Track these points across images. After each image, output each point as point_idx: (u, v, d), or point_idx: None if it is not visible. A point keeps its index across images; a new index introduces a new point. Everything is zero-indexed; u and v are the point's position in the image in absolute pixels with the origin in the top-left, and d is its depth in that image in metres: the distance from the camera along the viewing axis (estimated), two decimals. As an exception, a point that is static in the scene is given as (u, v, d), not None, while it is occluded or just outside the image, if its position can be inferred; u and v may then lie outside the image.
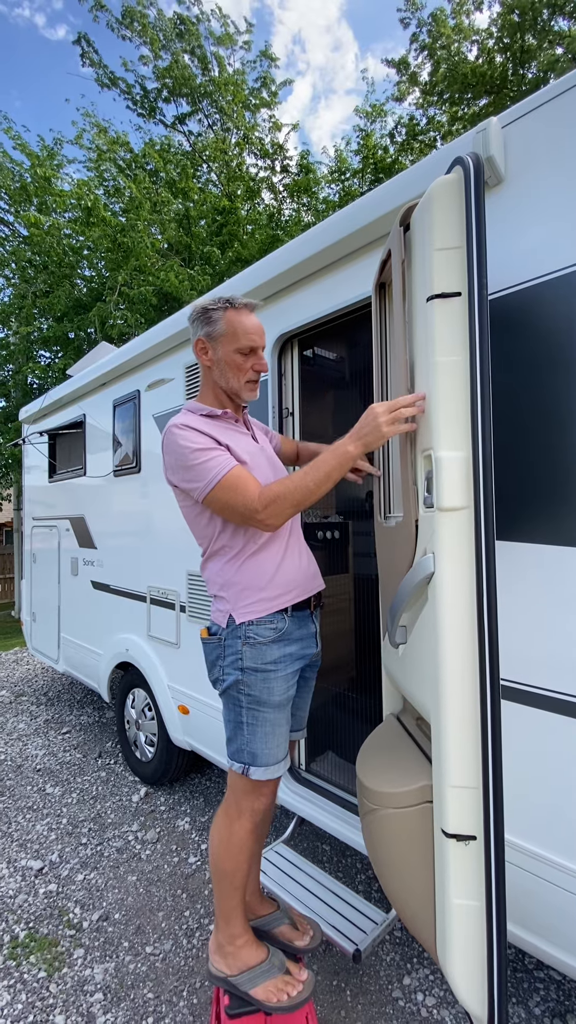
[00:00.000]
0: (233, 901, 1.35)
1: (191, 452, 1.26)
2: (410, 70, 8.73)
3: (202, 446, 1.27)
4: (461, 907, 1.03)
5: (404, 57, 8.78)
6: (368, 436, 1.18)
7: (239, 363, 1.37)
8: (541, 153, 1.25)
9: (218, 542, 1.36)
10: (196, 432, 1.29)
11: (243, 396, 1.42)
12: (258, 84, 10.21)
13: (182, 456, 1.28)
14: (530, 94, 1.34)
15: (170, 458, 1.32)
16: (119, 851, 2.45)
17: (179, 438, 1.29)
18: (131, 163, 9.13)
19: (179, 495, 1.39)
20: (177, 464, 1.30)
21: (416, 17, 8.27)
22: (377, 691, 2.32)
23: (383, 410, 1.16)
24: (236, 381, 1.39)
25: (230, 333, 1.36)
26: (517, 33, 7.46)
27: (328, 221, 1.82)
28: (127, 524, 3.19)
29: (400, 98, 9.20)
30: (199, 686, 2.48)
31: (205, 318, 1.38)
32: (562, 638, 1.19)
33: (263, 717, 1.32)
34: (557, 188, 1.22)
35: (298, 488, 1.22)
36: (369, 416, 1.19)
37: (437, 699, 1.05)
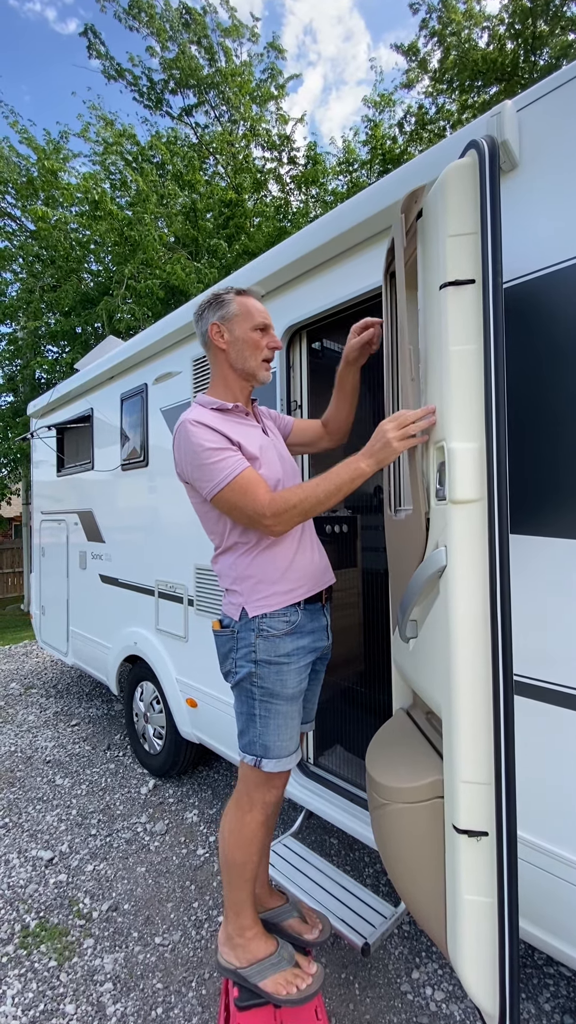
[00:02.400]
0: (243, 893, 1.35)
1: (203, 451, 1.26)
2: (420, 56, 8.59)
3: (214, 445, 1.26)
4: (472, 903, 1.02)
5: (414, 43, 8.64)
6: (380, 453, 1.18)
7: (256, 340, 1.39)
8: (557, 137, 1.22)
9: (230, 538, 1.36)
10: (209, 429, 1.29)
11: (259, 376, 1.42)
12: (265, 76, 10.11)
13: (194, 454, 1.27)
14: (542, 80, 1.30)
15: (181, 455, 1.32)
16: (128, 842, 2.47)
17: (191, 435, 1.28)
18: (137, 156, 9.08)
19: (190, 490, 1.39)
20: (188, 462, 1.30)
21: (426, 2, 8.13)
22: (386, 685, 2.31)
23: (392, 427, 1.16)
24: (254, 360, 1.40)
25: (243, 312, 1.40)
26: (528, 19, 7.32)
27: (337, 210, 1.79)
28: (135, 518, 3.19)
29: (409, 85, 9.06)
30: (207, 679, 2.48)
31: (217, 303, 1.41)
32: (573, 632, 1.17)
33: (276, 709, 1.32)
34: (574, 173, 1.19)
35: (308, 498, 1.22)
36: (379, 434, 1.19)
37: (449, 694, 1.03)
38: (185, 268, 7.46)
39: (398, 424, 1.16)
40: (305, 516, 1.24)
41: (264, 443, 1.38)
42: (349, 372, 1.50)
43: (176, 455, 1.35)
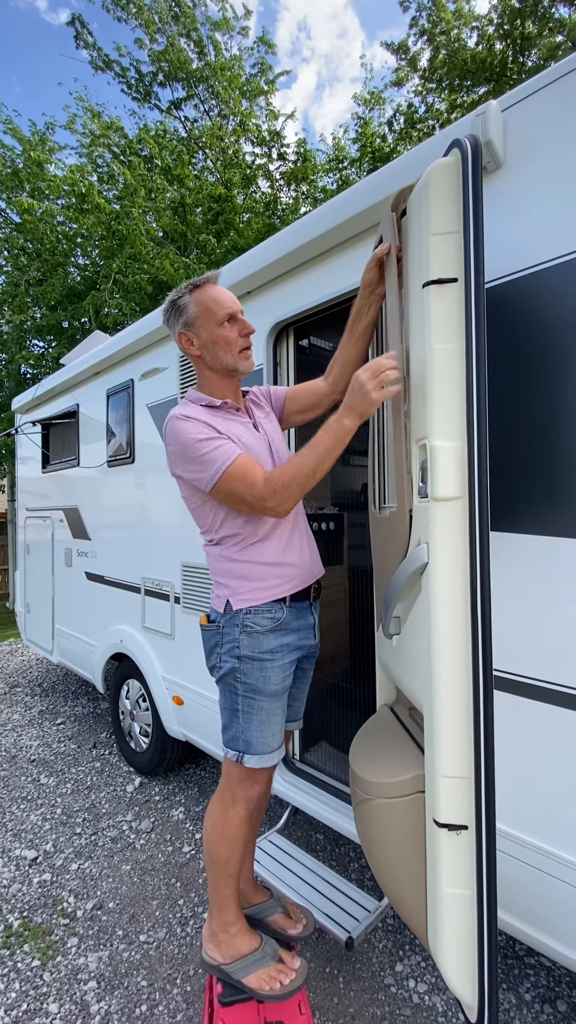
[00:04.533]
0: (227, 889, 1.35)
1: (195, 443, 1.24)
2: (410, 54, 8.60)
3: (205, 435, 1.25)
4: (452, 896, 1.03)
5: (404, 42, 8.64)
6: (359, 406, 1.15)
7: (225, 336, 1.34)
8: (541, 138, 1.23)
9: (220, 531, 1.35)
10: (197, 422, 1.27)
11: (241, 368, 1.38)
12: (255, 71, 10.05)
13: (186, 447, 1.26)
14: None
15: (173, 448, 1.30)
16: (113, 840, 2.46)
17: (181, 428, 1.27)
18: (125, 149, 8.98)
19: (182, 485, 1.37)
20: (181, 455, 1.28)
21: (416, 1, 8.13)
22: (371, 682, 2.32)
23: (368, 376, 1.13)
24: (230, 356, 1.36)
25: (204, 311, 1.34)
26: (517, 19, 7.36)
27: (324, 207, 1.79)
28: (121, 515, 3.17)
29: (399, 83, 9.06)
30: (194, 677, 2.48)
31: (176, 310, 1.37)
32: (551, 628, 1.19)
33: (258, 706, 1.32)
34: (558, 174, 1.20)
35: (300, 470, 1.20)
36: (355, 385, 1.15)
37: (430, 689, 1.04)
38: (174, 263, 7.41)
39: (373, 372, 1.13)
40: (304, 488, 1.22)
41: (254, 441, 1.37)
42: (367, 304, 1.38)
43: (168, 450, 1.33)
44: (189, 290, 1.36)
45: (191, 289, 1.36)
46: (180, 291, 1.37)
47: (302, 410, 1.57)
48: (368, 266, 1.32)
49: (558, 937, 1.22)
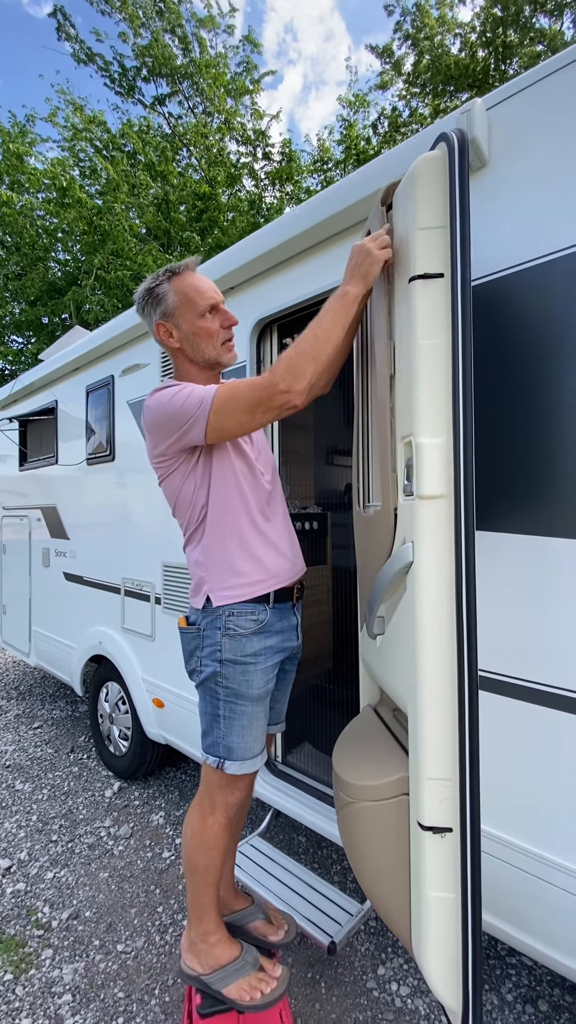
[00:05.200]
0: (206, 897, 1.32)
1: (170, 398, 1.19)
2: (394, 58, 8.67)
3: (177, 390, 1.20)
4: (437, 900, 1.02)
5: (388, 45, 8.71)
6: (362, 266, 1.13)
7: (207, 327, 1.29)
8: (526, 137, 1.23)
9: (200, 517, 1.30)
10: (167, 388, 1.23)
11: (224, 361, 1.34)
12: (241, 70, 10.02)
13: (164, 408, 1.20)
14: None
15: (151, 420, 1.24)
16: (91, 848, 2.40)
17: (154, 400, 1.23)
18: (108, 143, 8.87)
19: (164, 467, 1.30)
20: (162, 420, 1.21)
21: (400, 5, 8.20)
22: (354, 682, 2.31)
23: (367, 240, 1.14)
24: (212, 349, 1.31)
25: (184, 301, 1.28)
26: (500, 28, 7.47)
27: (309, 202, 1.77)
28: (101, 514, 3.10)
29: (384, 87, 9.13)
30: (174, 679, 2.43)
31: (153, 299, 1.30)
32: (535, 628, 1.18)
33: (240, 710, 1.28)
34: (541, 173, 1.20)
35: (305, 339, 1.11)
36: (356, 249, 1.14)
37: (414, 690, 1.03)
38: (157, 260, 7.33)
39: (372, 237, 1.14)
40: (316, 361, 1.11)
41: None
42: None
43: (148, 428, 1.26)
44: (167, 277, 1.29)
45: (169, 276, 1.29)
46: (157, 278, 1.30)
47: None
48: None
49: (540, 937, 1.21)
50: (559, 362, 1.16)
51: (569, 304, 1.14)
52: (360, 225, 1.62)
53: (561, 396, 1.15)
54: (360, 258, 1.13)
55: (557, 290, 1.16)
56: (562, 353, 1.15)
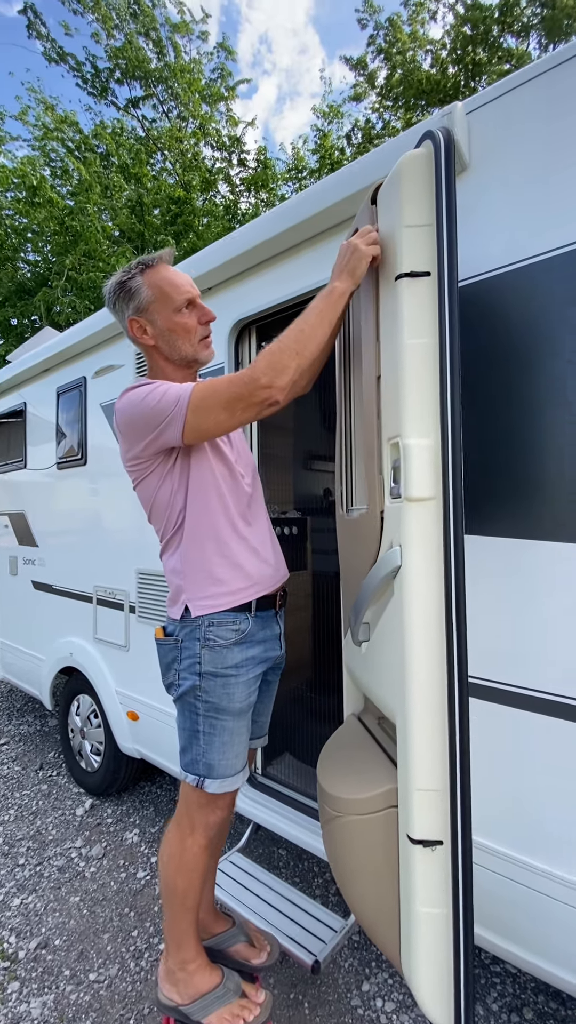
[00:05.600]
0: (184, 923, 1.25)
1: (144, 397, 1.13)
2: (368, 71, 8.82)
3: (152, 388, 1.14)
4: (427, 915, 0.99)
5: (363, 57, 8.86)
6: (351, 262, 1.11)
7: (183, 323, 1.23)
8: (506, 141, 1.23)
9: (177, 523, 1.24)
10: (141, 387, 1.18)
11: (201, 358, 1.29)
12: (216, 76, 10.03)
13: (138, 407, 1.14)
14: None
15: (125, 420, 1.18)
16: (60, 870, 2.28)
17: (127, 399, 1.17)
18: (80, 144, 8.73)
19: (139, 470, 1.24)
20: (136, 420, 1.15)
21: (373, 20, 8.36)
22: (336, 691, 2.26)
23: (356, 237, 1.12)
24: (189, 346, 1.25)
25: (159, 295, 1.22)
26: (469, 46, 7.68)
27: (291, 201, 1.74)
28: (72, 520, 3.00)
29: (358, 99, 9.28)
30: (150, 691, 2.35)
31: (125, 293, 1.23)
32: (525, 632, 1.17)
33: (221, 725, 1.22)
34: (520, 179, 1.19)
35: (290, 334, 1.07)
36: (344, 249, 1.12)
37: (403, 698, 1.00)
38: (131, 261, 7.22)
39: (360, 233, 1.12)
40: (299, 356, 1.07)
41: None
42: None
43: (122, 433, 1.20)
44: (140, 270, 1.23)
45: (142, 269, 1.23)
46: (129, 271, 1.23)
47: None
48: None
49: (525, 945, 1.19)
50: (532, 365, 1.15)
51: (547, 309, 1.14)
52: (343, 225, 1.60)
53: (535, 397, 1.14)
54: (348, 254, 1.11)
55: (536, 295, 1.16)
56: (539, 356, 1.15)
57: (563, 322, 1.12)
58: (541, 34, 7.33)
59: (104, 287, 1.29)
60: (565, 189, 1.13)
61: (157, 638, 1.30)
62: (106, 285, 1.28)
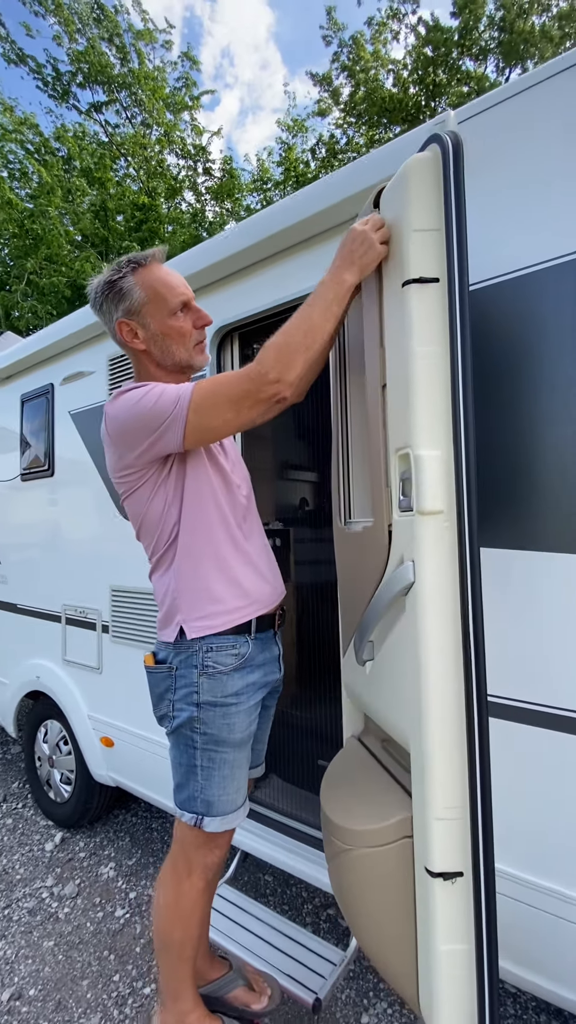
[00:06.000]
0: (182, 973, 1.15)
1: (139, 399, 1.04)
2: (332, 87, 8.98)
3: (147, 391, 1.06)
4: (448, 952, 0.93)
5: (328, 73, 9.02)
6: (364, 256, 1.02)
7: (179, 327, 1.15)
8: (497, 153, 1.22)
9: (171, 538, 1.16)
10: (135, 390, 1.09)
11: (195, 364, 1.21)
12: (180, 85, 9.99)
13: (132, 411, 1.05)
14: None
15: (116, 427, 1.09)
16: (31, 913, 2.11)
17: (120, 403, 1.08)
18: (40, 147, 8.49)
19: (130, 481, 1.14)
20: (130, 426, 1.06)
21: (338, 37, 8.53)
22: (323, 707, 2.21)
23: (370, 227, 1.03)
24: (183, 351, 1.18)
25: (153, 297, 1.13)
26: (430, 67, 7.93)
27: (279, 205, 1.70)
28: (38, 534, 2.84)
29: (322, 114, 9.43)
30: (126, 714, 2.22)
31: (115, 294, 1.14)
32: (545, 648, 1.13)
33: (221, 758, 1.13)
34: (509, 191, 1.19)
35: (297, 327, 1.00)
36: (357, 236, 1.02)
37: (419, 722, 0.95)
38: (96, 267, 7.04)
39: (373, 224, 1.03)
40: (308, 351, 1.00)
41: None
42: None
43: (111, 439, 1.11)
44: (131, 269, 1.14)
45: (133, 268, 1.14)
46: (119, 270, 1.14)
47: None
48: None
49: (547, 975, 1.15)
50: (518, 383, 1.13)
51: (529, 324, 1.13)
52: (331, 231, 1.57)
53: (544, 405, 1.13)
54: (358, 245, 1.02)
55: (519, 309, 1.15)
56: (518, 369, 1.13)
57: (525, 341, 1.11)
58: (498, 58, 7.68)
59: (89, 285, 1.20)
60: (546, 202, 1.12)
61: (147, 666, 1.20)
62: (91, 283, 1.19)
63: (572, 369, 1.08)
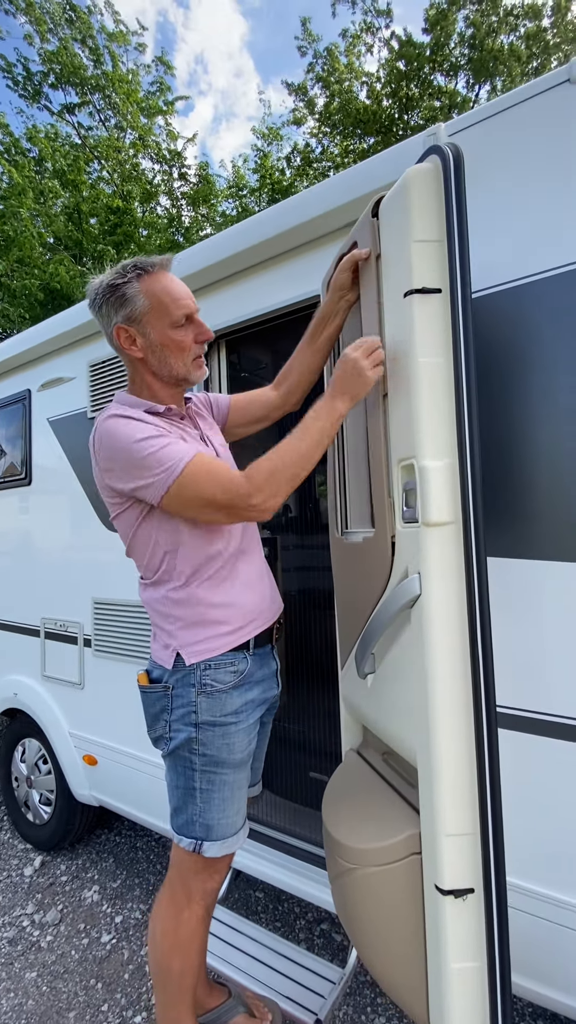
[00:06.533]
0: (182, 1006, 1.11)
1: (136, 443, 1.01)
2: (308, 96, 9.07)
3: (151, 433, 1.02)
4: (460, 971, 0.92)
5: (303, 83, 9.10)
6: (354, 387, 1.03)
7: (179, 340, 1.12)
8: (486, 167, 1.23)
9: (162, 559, 1.12)
10: (137, 421, 1.05)
11: (192, 379, 1.18)
12: (154, 89, 9.94)
13: (125, 450, 1.01)
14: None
15: (106, 454, 1.05)
16: (11, 943, 2.02)
17: (118, 428, 1.03)
18: (11, 147, 8.31)
19: (116, 504, 1.12)
20: (118, 461, 1.03)
21: (312, 48, 8.62)
22: (315, 718, 2.18)
23: (361, 354, 1.03)
24: (181, 364, 1.14)
25: (156, 306, 1.10)
26: (403, 81, 8.09)
27: (268, 212, 1.69)
28: (13, 545, 2.74)
29: (298, 123, 9.51)
30: (110, 731, 2.15)
31: (118, 298, 1.10)
32: (554, 657, 1.13)
33: (221, 780, 1.10)
34: (499, 204, 1.19)
35: (293, 456, 1.01)
36: (347, 365, 1.03)
37: (427, 736, 0.93)
38: (70, 271, 6.91)
39: (366, 350, 1.03)
40: (294, 480, 1.03)
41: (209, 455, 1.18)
42: (335, 310, 1.23)
43: (100, 461, 1.08)
44: (136, 275, 1.09)
45: (139, 275, 1.10)
46: (124, 274, 1.10)
47: (249, 423, 1.41)
48: (342, 267, 1.18)
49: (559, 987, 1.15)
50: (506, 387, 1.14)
51: (514, 337, 1.14)
52: (323, 239, 1.56)
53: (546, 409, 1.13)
54: (351, 375, 1.03)
55: (501, 323, 1.16)
56: (506, 380, 1.14)
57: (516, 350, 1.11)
58: (469, 74, 7.90)
59: (90, 284, 1.15)
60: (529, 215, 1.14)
61: (141, 685, 1.16)
62: (92, 282, 1.14)
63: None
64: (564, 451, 1.09)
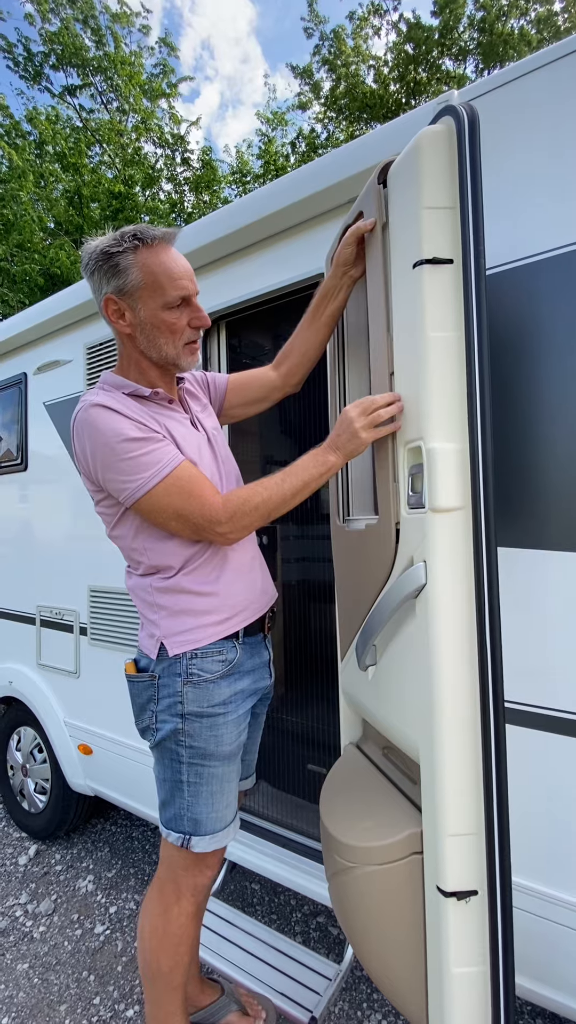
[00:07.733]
0: (171, 1005, 1.07)
1: (119, 442, 0.96)
2: (313, 80, 8.90)
3: (136, 434, 0.97)
4: (462, 975, 0.88)
5: (308, 66, 8.93)
6: (347, 446, 1.01)
7: (171, 322, 1.04)
8: (500, 136, 1.16)
9: (144, 556, 1.08)
10: (123, 416, 0.99)
11: (183, 364, 1.10)
12: (157, 71, 9.76)
13: (107, 448, 0.97)
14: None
15: (86, 450, 1.01)
16: (4, 933, 2.00)
17: (100, 423, 0.98)
18: (11, 129, 8.18)
19: (96, 491, 1.08)
20: (99, 459, 0.99)
21: (319, 30, 8.45)
22: (313, 709, 2.15)
23: (357, 413, 0.99)
24: (171, 347, 1.06)
25: (150, 283, 1.01)
26: (411, 65, 7.92)
27: (270, 187, 1.62)
28: (9, 532, 2.70)
29: (303, 107, 9.34)
30: (105, 720, 2.12)
31: (111, 267, 1.01)
32: (564, 650, 1.08)
33: (209, 773, 1.06)
34: (514, 176, 1.13)
35: (272, 497, 1.01)
36: (344, 424, 1.01)
37: (431, 732, 0.89)
38: (71, 256, 6.81)
39: (363, 410, 0.98)
40: (267, 518, 1.03)
41: (194, 440, 1.12)
42: (338, 286, 1.16)
43: (78, 451, 1.04)
44: (134, 246, 1.00)
45: (136, 246, 1.01)
46: (121, 242, 1.01)
47: (247, 403, 1.34)
48: (345, 241, 1.11)
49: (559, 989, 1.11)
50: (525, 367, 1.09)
51: (521, 316, 1.08)
52: (328, 215, 1.49)
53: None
54: (346, 436, 1.01)
55: (512, 301, 1.10)
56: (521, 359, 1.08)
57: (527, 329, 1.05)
58: (478, 59, 7.73)
59: (85, 246, 1.07)
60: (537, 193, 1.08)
61: (128, 674, 1.11)
62: (87, 244, 1.06)
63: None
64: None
